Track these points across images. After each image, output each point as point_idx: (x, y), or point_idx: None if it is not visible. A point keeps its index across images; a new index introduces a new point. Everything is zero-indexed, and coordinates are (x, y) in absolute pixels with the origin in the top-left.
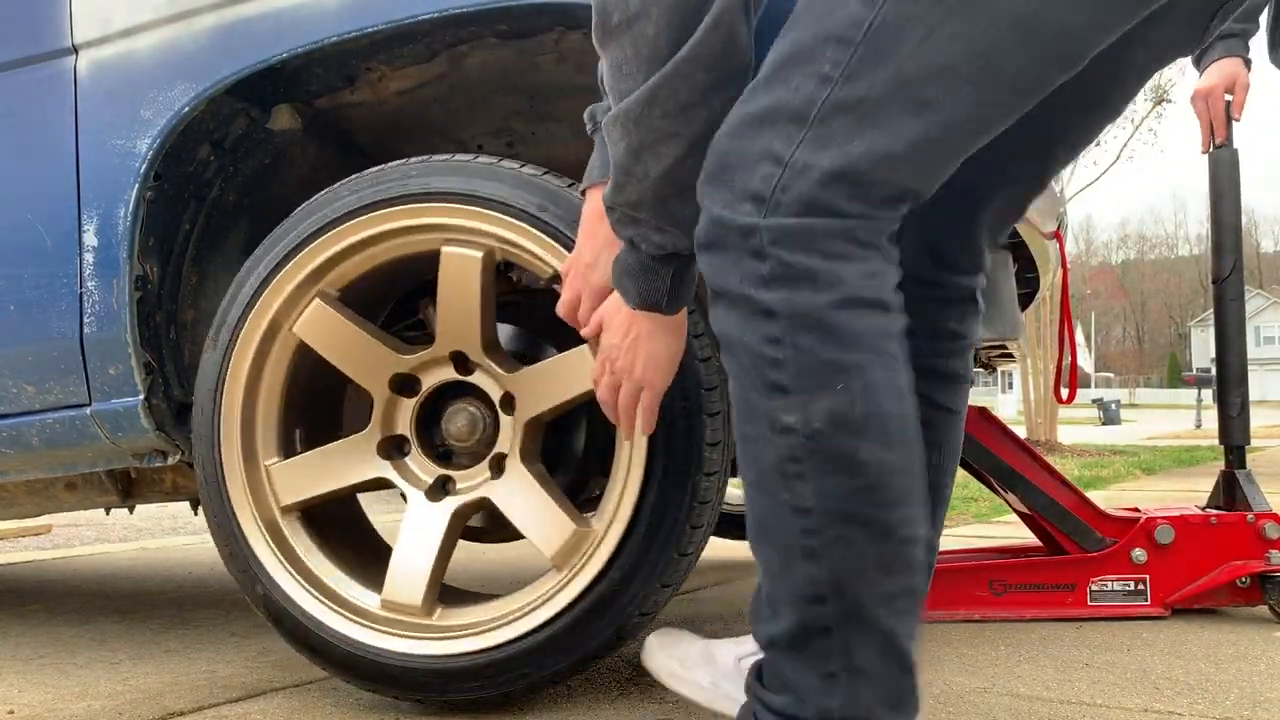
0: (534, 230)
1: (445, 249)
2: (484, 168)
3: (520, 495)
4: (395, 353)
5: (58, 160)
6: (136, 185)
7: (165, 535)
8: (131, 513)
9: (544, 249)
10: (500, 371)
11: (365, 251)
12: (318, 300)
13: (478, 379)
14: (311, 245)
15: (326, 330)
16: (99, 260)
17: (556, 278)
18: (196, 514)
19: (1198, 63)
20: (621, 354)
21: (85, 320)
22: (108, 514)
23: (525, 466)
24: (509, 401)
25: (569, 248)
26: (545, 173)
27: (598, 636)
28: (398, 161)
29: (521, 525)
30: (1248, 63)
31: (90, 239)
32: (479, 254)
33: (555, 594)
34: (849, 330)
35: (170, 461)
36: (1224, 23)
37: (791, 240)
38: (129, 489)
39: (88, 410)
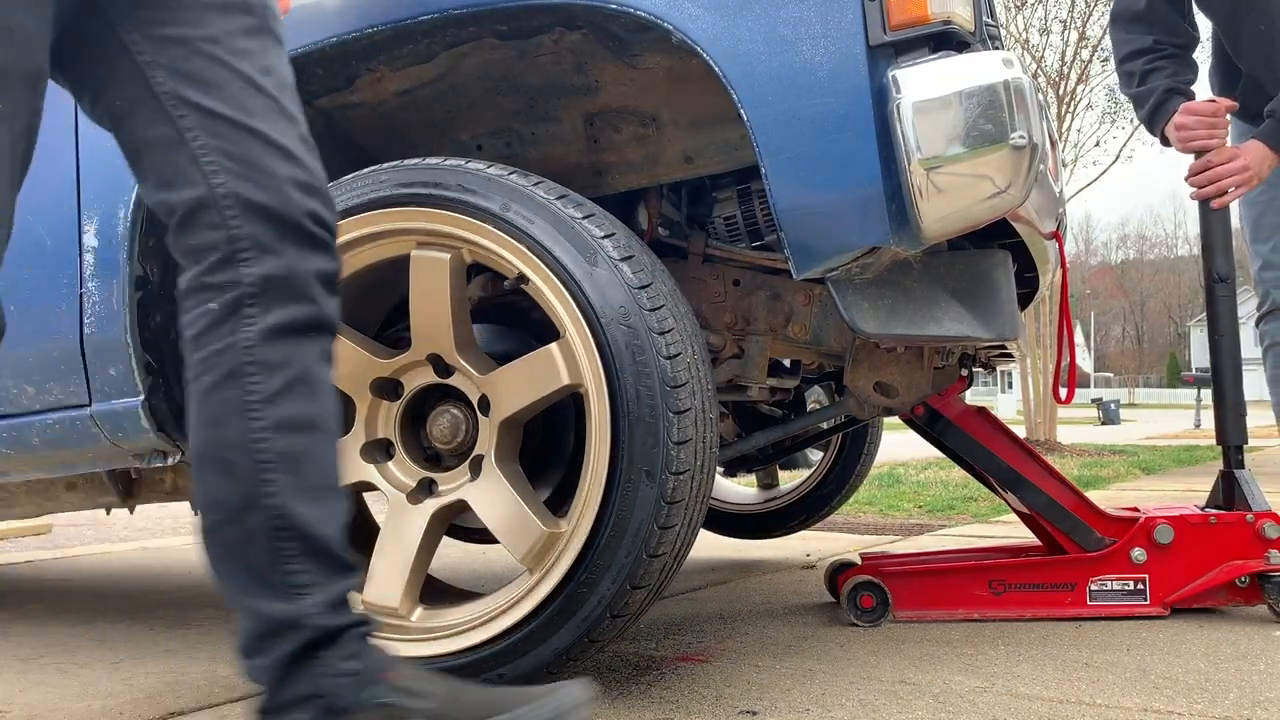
0: (495, 230)
1: (415, 253)
2: (450, 170)
3: (492, 496)
4: (374, 356)
5: (58, 161)
6: (137, 186)
7: (165, 535)
8: (132, 513)
9: (507, 249)
10: (475, 373)
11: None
12: None
13: (456, 381)
14: None
15: None
16: (99, 261)
17: (524, 278)
18: (197, 515)
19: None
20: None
21: (85, 321)
22: (108, 514)
23: (499, 467)
24: (486, 403)
25: (533, 249)
26: (511, 172)
27: (568, 638)
28: (370, 168)
29: (493, 527)
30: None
31: (90, 240)
32: (447, 256)
33: (526, 596)
34: None
35: (170, 462)
36: None
37: None
38: (129, 489)
39: (88, 411)
